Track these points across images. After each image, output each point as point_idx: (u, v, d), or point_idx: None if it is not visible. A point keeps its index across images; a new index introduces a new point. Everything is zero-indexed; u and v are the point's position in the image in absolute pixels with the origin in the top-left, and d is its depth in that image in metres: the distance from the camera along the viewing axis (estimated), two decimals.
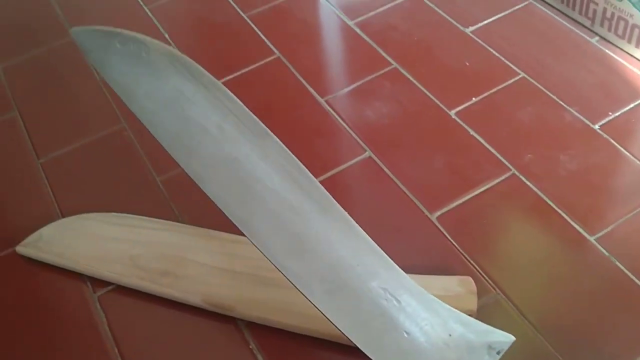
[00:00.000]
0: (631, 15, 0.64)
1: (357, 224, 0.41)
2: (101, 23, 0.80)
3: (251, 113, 0.43)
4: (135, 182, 0.62)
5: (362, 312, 0.38)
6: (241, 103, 0.44)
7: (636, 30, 0.65)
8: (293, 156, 0.42)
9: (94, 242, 0.55)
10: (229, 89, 0.69)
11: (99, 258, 0.54)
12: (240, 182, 0.41)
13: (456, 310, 0.40)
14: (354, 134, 0.63)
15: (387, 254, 0.53)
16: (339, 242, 0.40)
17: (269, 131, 0.42)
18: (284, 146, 0.42)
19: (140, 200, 0.60)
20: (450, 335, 0.39)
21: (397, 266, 0.41)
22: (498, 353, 0.38)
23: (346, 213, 0.41)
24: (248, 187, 0.41)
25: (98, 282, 0.54)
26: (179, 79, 0.44)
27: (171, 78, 0.44)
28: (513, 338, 0.39)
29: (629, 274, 0.50)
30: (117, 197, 0.60)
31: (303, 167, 0.42)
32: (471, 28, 0.72)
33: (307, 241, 0.40)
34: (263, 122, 0.44)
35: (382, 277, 0.39)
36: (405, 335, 0.38)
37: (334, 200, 0.41)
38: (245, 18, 0.78)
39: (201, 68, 0.45)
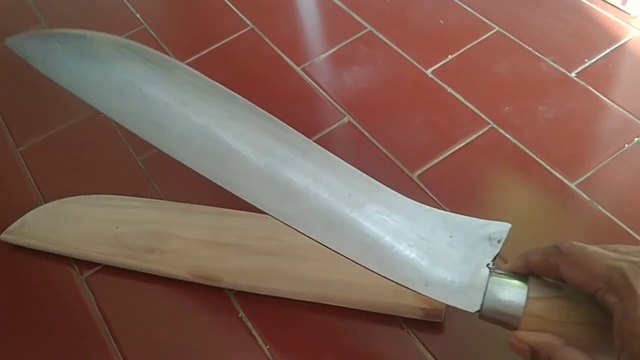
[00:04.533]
0: None
1: (339, 159, 0.42)
2: (71, 10, 0.79)
3: (211, 80, 0.43)
4: (115, 163, 0.61)
5: (364, 237, 0.39)
6: (198, 72, 0.44)
7: None
8: (262, 110, 0.42)
9: (78, 224, 0.55)
10: (205, 63, 0.69)
11: (84, 240, 0.54)
12: (217, 146, 0.41)
13: (450, 212, 0.41)
14: (332, 100, 0.63)
15: None
16: (328, 178, 0.41)
17: (233, 92, 0.42)
18: (251, 104, 0.42)
19: (122, 181, 0.60)
20: (451, 236, 0.40)
21: (388, 188, 0.41)
22: (499, 242, 0.39)
23: (326, 150, 0.42)
24: (226, 149, 0.41)
25: (84, 264, 0.54)
26: (129, 63, 0.44)
27: (120, 64, 0.44)
28: (509, 225, 0.40)
29: (611, 216, 0.50)
30: (98, 179, 0.60)
31: (275, 118, 0.42)
32: None
33: (296, 185, 0.40)
34: (241, 94, 0.43)
35: (375, 202, 0.40)
36: (410, 247, 0.39)
37: (312, 142, 0.42)
38: None
39: (151, 49, 0.45)
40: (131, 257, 0.52)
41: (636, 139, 0.55)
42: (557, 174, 0.53)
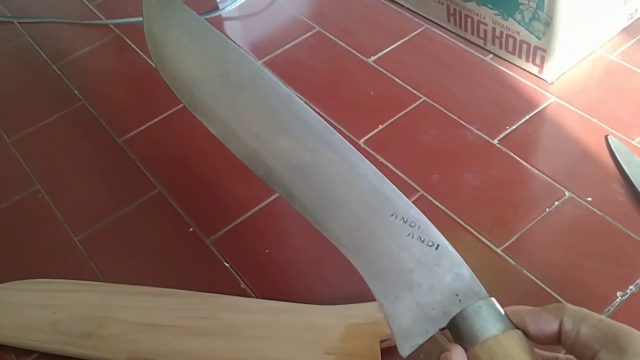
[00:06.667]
0: (518, 32, 0.68)
1: None
2: None
3: None
4: (53, 244, 0.61)
5: None
6: None
7: (524, 46, 0.69)
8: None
9: (15, 311, 0.55)
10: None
11: (21, 328, 0.53)
12: None
13: None
14: None
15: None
16: None
17: None
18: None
19: (60, 263, 0.59)
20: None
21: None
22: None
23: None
24: None
25: (22, 352, 0.53)
26: None
27: None
28: None
29: (537, 280, 0.53)
30: (35, 262, 0.60)
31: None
32: (373, 58, 0.75)
33: None
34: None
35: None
36: None
37: None
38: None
39: None
40: (68, 343, 0.51)
41: (556, 203, 0.58)
42: (485, 240, 0.56)
